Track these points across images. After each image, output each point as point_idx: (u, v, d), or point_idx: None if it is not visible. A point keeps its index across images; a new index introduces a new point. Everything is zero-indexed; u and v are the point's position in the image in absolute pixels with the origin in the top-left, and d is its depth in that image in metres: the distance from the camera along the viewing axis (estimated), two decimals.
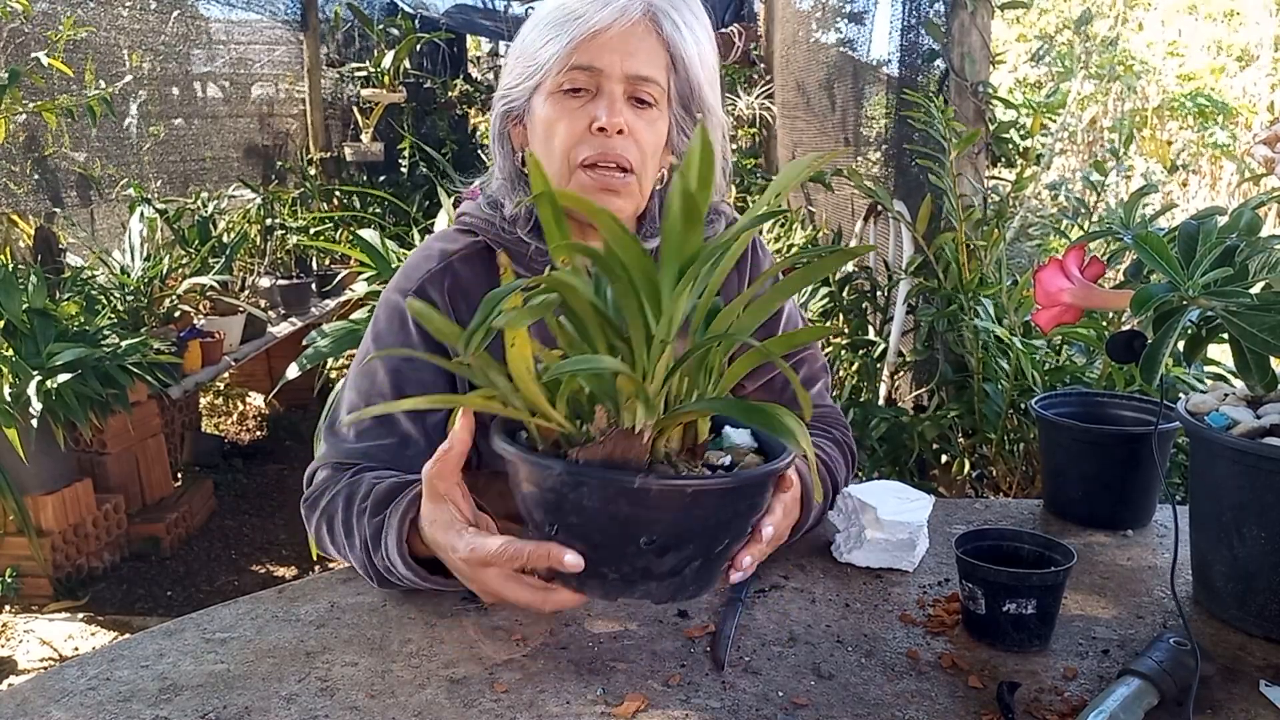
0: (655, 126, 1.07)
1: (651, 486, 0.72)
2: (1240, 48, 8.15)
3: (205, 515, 3.54)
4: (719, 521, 0.77)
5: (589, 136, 1.03)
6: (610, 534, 0.76)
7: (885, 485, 1.12)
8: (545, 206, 0.75)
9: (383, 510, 0.94)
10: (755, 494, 0.79)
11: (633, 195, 1.07)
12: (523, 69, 1.07)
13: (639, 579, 0.78)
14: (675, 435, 0.80)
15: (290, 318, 4.15)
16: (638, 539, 0.75)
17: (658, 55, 1.05)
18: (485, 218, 1.13)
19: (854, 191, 2.64)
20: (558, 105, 1.05)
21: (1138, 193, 1.12)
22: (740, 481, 0.77)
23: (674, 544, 0.76)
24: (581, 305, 0.74)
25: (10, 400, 2.56)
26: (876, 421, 2.40)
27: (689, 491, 0.74)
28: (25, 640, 2.65)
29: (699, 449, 0.82)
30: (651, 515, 0.74)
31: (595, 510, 0.74)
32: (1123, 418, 1.22)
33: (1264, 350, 0.80)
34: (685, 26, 1.06)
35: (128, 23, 3.88)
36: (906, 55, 2.99)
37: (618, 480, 0.72)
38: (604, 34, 1.02)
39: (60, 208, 3.43)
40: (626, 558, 0.77)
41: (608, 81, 1.03)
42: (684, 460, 0.80)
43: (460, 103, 5.91)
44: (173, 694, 0.82)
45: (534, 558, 0.78)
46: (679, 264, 0.71)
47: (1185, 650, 0.82)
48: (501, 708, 0.79)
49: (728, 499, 0.77)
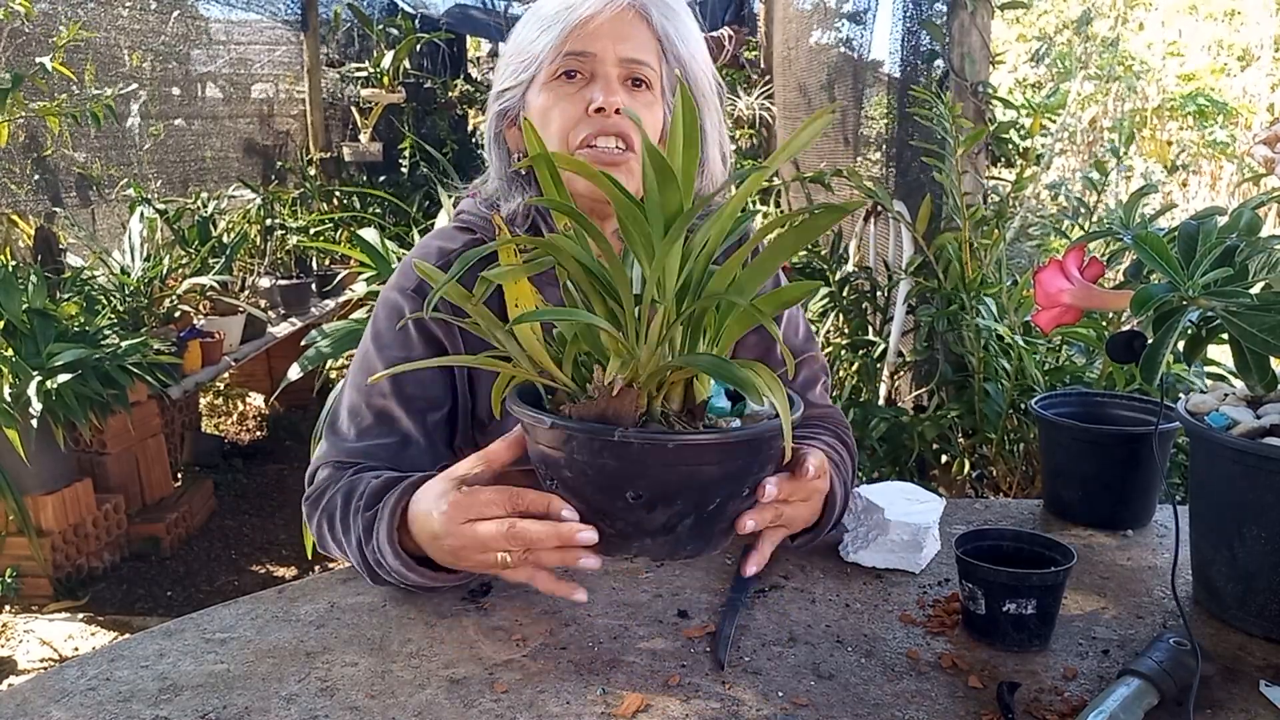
0: (652, 110, 1.08)
1: (632, 440, 0.74)
2: (1242, 48, 8.15)
3: (205, 515, 3.54)
4: (708, 479, 0.78)
5: (586, 118, 1.05)
6: (600, 487, 0.78)
7: (895, 486, 1.12)
8: (542, 168, 0.77)
9: (376, 503, 0.94)
10: (744, 454, 0.80)
11: (633, 174, 1.06)
12: (516, 66, 1.08)
13: (634, 534, 0.80)
14: (675, 395, 0.81)
15: (290, 318, 4.15)
16: (624, 493, 0.77)
17: (649, 42, 1.07)
18: (483, 216, 1.13)
19: (854, 192, 2.64)
20: (553, 92, 1.06)
21: (1138, 193, 1.12)
22: (725, 438, 0.78)
23: (661, 499, 0.77)
24: (574, 267, 0.76)
25: (10, 400, 2.56)
26: (876, 421, 2.40)
27: (670, 446, 0.75)
28: (25, 640, 2.65)
29: (698, 409, 0.82)
30: (635, 469, 0.76)
31: (584, 464, 0.77)
32: (1123, 418, 1.22)
33: (1264, 350, 0.80)
34: (675, 16, 1.08)
35: (128, 23, 3.88)
36: (908, 56, 2.99)
37: (600, 433, 0.74)
38: (594, 20, 1.04)
39: (61, 208, 3.43)
40: (617, 512, 0.78)
41: (602, 65, 1.05)
42: (681, 419, 0.81)
43: (460, 103, 5.91)
44: (173, 694, 0.82)
45: (534, 503, 0.81)
46: (663, 220, 0.72)
47: (1185, 650, 0.82)
48: (501, 708, 0.79)
49: (712, 454, 0.78)
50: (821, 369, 1.25)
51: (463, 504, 0.84)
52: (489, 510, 0.83)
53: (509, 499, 0.83)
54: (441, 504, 0.86)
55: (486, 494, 0.84)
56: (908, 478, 2.33)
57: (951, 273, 2.35)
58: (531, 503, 0.82)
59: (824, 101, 4.29)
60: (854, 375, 2.86)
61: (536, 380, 0.82)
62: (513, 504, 0.83)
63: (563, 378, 0.81)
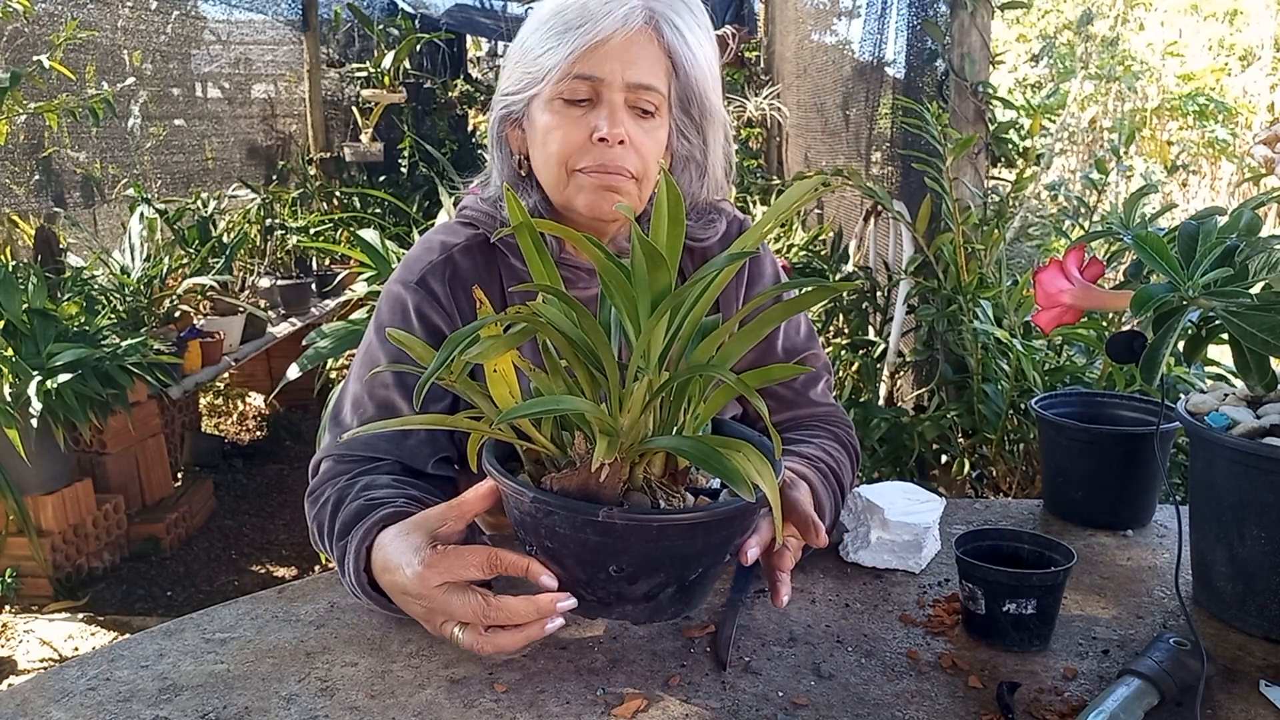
0: (655, 135, 1.07)
1: (616, 520, 0.74)
2: (1244, 48, 8.14)
3: (205, 515, 3.54)
4: (691, 552, 0.78)
5: (589, 146, 1.03)
6: (582, 559, 0.77)
7: (896, 486, 1.11)
8: (524, 236, 0.77)
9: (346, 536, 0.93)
10: (726, 527, 0.80)
11: (632, 198, 1.07)
12: (522, 75, 1.07)
13: (614, 602, 0.80)
14: (657, 461, 0.81)
15: (290, 318, 4.15)
16: (607, 566, 0.77)
17: (659, 62, 1.05)
18: (487, 211, 1.14)
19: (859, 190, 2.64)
20: (558, 114, 1.04)
21: (1138, 193, 1.12)
22: (709, 516, 0.77)
23: (644, 573, 0.77)
24: (556, 338, 0.76)
25: (10, 400, 2.56)
26: (876, 421, 2.40)
27: (654, 526, 0.75)
28: (25, 640, 2.65)
29: (680, 474, 0.83)
30: (619, 545, 0.76)
31: (567, 536, 0.76)
32: (1123, 418, 1.22)
33: (1264, 350, 0.80)
34: (686, 30, 1.06)
35: (129, 23, 3.88)
36: (911, 56, 2.99)
37: (584, 511, 0.74)
38: (605, 44, 1.01)
39: (62, 208, 3.43)
40: (599, 582, 0.78)
41: (608, 90, 1.03)
42: (664, 486, 0.81)
43: (460, 103, 5.91)
44: (173, 694, 0.82)
45: (512, 566, 0.80)
46: (650, 298, 0.73)
47: (1185, 650, 0.82)
48: (501, 708, 0.79)
49: (697, 532, 0.77)
50: (824, 367, 1.25)
51: (439, 565, 0.81)
52: (467, 572, 0.81)
53: (488, 561, 0.81)
54: (415, 562, 0.82)
55: (465, 555, 0.81)
56: (908, 478, 2.33)
57: (951, 274, 2.35)
58: (510, 565, 0.81)
59: (828, 101, 4.30)
60: (854, 375, 2.86)
61: (514, 441, 0.81)
62: (491, 566, 0.81)
63: (542, 440, 0.81)
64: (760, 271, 1.22)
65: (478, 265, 1.13)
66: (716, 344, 0.77)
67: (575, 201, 1.06)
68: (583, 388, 0.79)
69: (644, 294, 0.73)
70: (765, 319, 0.78)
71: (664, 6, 1.05)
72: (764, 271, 1.23)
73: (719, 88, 1.13)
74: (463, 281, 1.11)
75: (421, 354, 0.84)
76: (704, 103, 1.10)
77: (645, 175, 1.07)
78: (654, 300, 0.73)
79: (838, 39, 4.38)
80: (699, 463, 0.74)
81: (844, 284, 0.83)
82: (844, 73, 4.11)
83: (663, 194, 0.76)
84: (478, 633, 0.81)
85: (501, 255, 1.13)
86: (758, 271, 1.22)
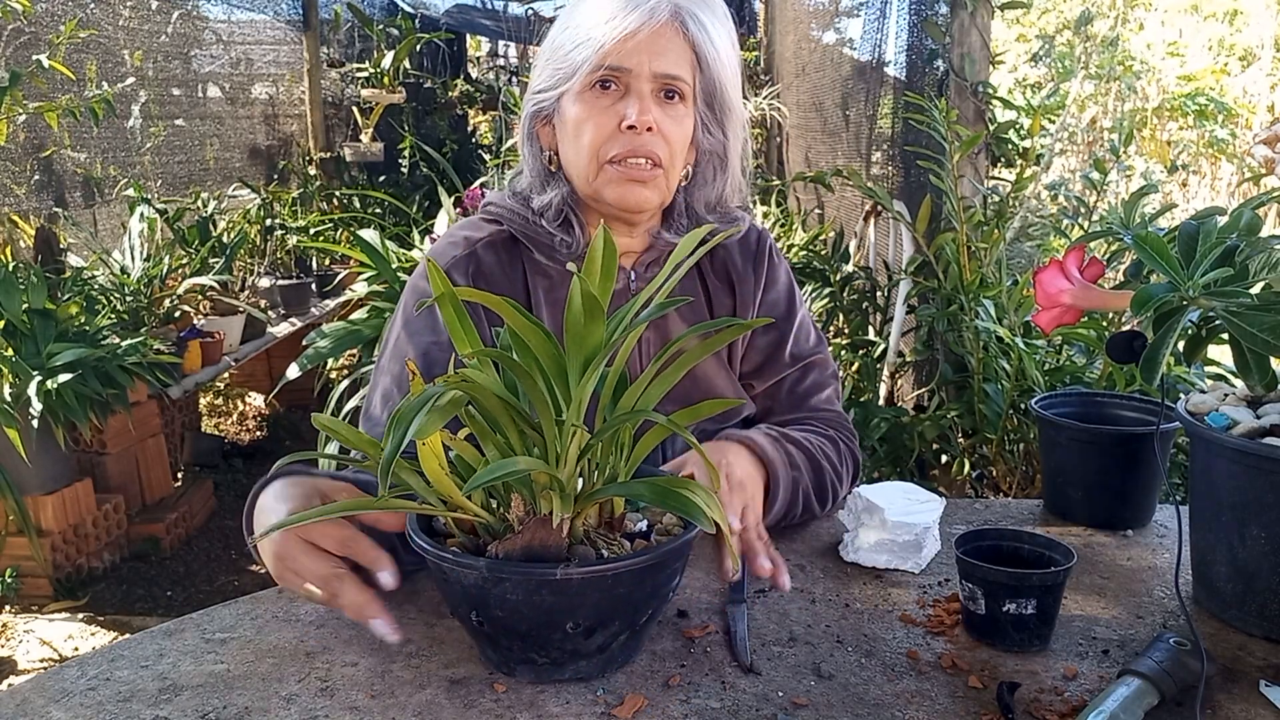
0: (683, 123, 1.11)
1: (574, 576, 0.74)
2: (1244, 48, 8.14)
3: (205, 515, 3.54)
4: (642, 596, 0.79)
5: (618, 134, 1.07)
6: (536, 622, 0.77)
7: (896, 486, 1.12)
8: (446, 306, 0.78)
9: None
10: (674, 561, 0.81)
11: (659, 188, 1.11)
12: (553, 72, 1.11)
13: (568, 660, 0.80)
14: (592, 512, 0.82)
15: (290, 318, 4.15)
16: (564, 625, 0.77)
17: (684, 55, 1.09)
18: (511, 208, 1.17)
19: (857, 191, 2.64)
20: (587, 104, 1.08)
21: (1138, 193, 1.12)
22: (661, 556, 0.78)
23: (600, 624, 0.78)
24: (491, 401, 0.76)
25: (10, 400, 2.56)
26: (876, 421, 2.40)
27: (610, 576, 0.76)
28: (25, 640, 2.65)
29: (616, 521, 0.83)
30: (575, 602, 0.76)
31: (519, 602, 0.76)
32: (1123, 418, 1.22)
33: (1264, 350, 0.80)
34: (710, 27, 1.10)
35: (129, 23, 3.87)
36: (911, 56, 2.98)
37: (539, 574, 0.74)
38: (633, 37, 1.06)
39: (62, 208, 3.43)
40: (554, 643, 0.79)
41: (636, 80, 1.07)
42: (602, 535, 0.82)
43: (460, 103, 5.91)
44: (173, 694, 0.82)
45: (363, 555, 0.83)
46: (583, 356, 0.75)
47: (1185, 650, 0.82)
48: (501, 708, 0.79)
49: (647, 575, 0.78)
50: (832, 375, 1.27)
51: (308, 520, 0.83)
52: (323, 541, 0.84)
53: (345, 541, 0.84)
54: (282, 511, 0.86)
55: (328, 526, 0.84)
56: (908, 478, 2.33)
57: (951, 274, 2.35)
58: (362, 554, 0.83)
59: (829, 101, 4.29)
60: (854, 375, 2.86)
61: (443, 514, 0.81)
62: (345, 547, 0.84)
63: (474, 508, 0.80)
64: (775, 278, 1.25)
65: (501, 260, 1.15)
66: (638, 392, 0.80)
67: (604, 193, 1.10)
68: (513, 448, 0.79)
69: (576, 351, 0.75)
70: (683, 362, 0.81)
71: (689, 3, 1.09)
72: (778, 278, 1.26)
73: (740, 86, 1.15)
74: (485, 275, 1.14)
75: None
76: (726, 99, 1.14)
77: (671, 164, 1.11)
78: (585, 360, 0.74)
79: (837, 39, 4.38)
80: (657, 503, 0.75)
81: (759, 320, 0.86)
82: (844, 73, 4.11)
83: (597, 246, 0.78)
84: (318, 594, 0.84)
85: (525, 250, 1.16)
86: (773, 277, 1.24)
